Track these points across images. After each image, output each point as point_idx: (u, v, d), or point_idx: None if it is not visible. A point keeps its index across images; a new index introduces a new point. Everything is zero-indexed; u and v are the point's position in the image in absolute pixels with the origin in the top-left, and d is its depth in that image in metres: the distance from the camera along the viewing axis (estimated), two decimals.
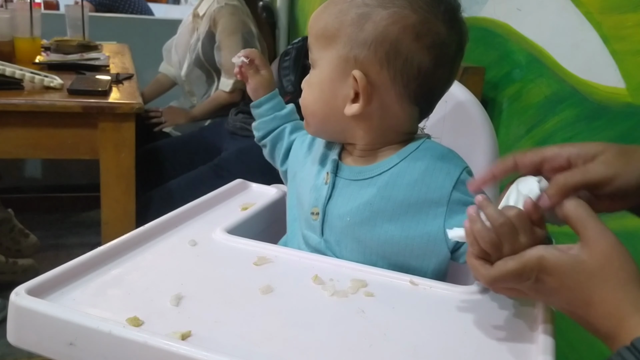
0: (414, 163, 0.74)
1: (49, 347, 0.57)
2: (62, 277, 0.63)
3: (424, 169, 0.73)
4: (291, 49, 1.93)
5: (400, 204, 0.73)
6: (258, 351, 0.54)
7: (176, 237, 0.78)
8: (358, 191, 0.76)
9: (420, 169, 0.73)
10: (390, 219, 0.73)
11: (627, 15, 1.06)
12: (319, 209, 0.78)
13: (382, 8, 0.70)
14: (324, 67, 0.74)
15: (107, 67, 1.95)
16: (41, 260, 2.16)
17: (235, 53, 0.93)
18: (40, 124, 1.45)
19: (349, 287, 0.67)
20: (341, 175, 0.78)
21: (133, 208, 1.53)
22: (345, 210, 0.76)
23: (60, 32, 2.28)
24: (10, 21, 1.86)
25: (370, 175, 0.75)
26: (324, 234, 0.78)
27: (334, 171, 0.78)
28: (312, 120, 0.79)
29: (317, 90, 0.76)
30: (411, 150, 0.75)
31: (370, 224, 0.74)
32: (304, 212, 0.80)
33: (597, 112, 1.14)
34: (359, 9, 0.71)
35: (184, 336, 0.54)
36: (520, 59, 1.36)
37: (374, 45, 0.70)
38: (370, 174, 0.75)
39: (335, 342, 0.56)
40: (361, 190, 0.75)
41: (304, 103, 0.78)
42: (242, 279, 0.68)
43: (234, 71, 0.95)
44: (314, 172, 0.81)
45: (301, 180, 0.84)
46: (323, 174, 0.80)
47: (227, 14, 2.23)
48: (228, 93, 2.23)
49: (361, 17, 0.71)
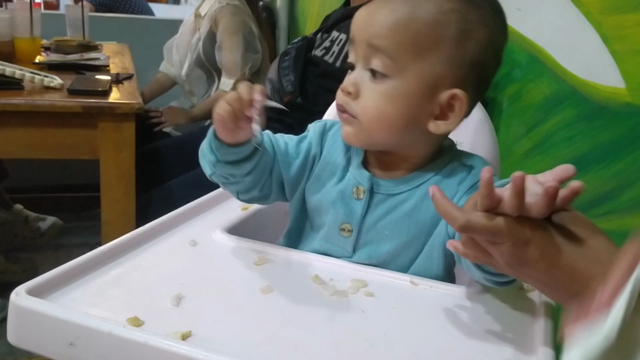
0: (448, 176, 0.73)
1: (49, 347, 0.57)
2: (62, 277, 0.63)
3: (458, 182, 0.72)
4: (291, 48, 1.93)
5: (432, 216, 0.72)
6: (258, 351, 0.54)
7: (176, 237, 0.78)
8: (396, 205, 0.73)
9: (455, 183, 0.72)
10: (426, 231, 0.73)
11: (627, 15, 1.06)
12: (351, 226, 0.74)
13: (483, 26, 0.67)
14: (413, 80, 0.67)
15: (107, 67, 1.95)
16: (42, 260, 2.16)
17: (237, 53, 0.91)
18: (40, 124, 1.45)
19: (349, 287, 0.67)
20: (378, 190, 0.74)
21: (133, 208, 1.53)
22: (383, 224, 0.73)
23: (60, 32, 2.28)
24: (10, 21, 1.86)
25: (409, 188, 0.73)
26: (356, 251, 0.75)
27: (370, 188, 0.74)
28: (383, 133, 0.70)
29: (403, 104, 0.68)
30: (445, 163, 0.74)
31: (407, 237, 0.73)
32: (324, 224, 0.77)
33: (597, 112, 1.14)
34: (461, 25, 0.66)
35: (184, 336, 0.54)
36: (520, 59, 1.36)
37: (472, 65, 0.67)
38: (408, 187, 0.73)
39: (336, 342, 0.56)
40: (399, 204, 0.73)
41: (381, 116, 0.68)
42: (242, 279, 0.68)
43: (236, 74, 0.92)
44: (331, 182, 0.76)
45: (314, 190, 0.78)
46: (349, 187, 0.75)
47: (228, 13, 2.24)
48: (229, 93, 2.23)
49: (464, 33, 0.66)
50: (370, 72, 0.68)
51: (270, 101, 0.67)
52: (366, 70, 0.69)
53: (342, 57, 1.75)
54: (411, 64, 0.67)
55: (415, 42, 0.66)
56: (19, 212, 2.30)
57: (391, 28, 0.66)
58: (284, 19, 3.01)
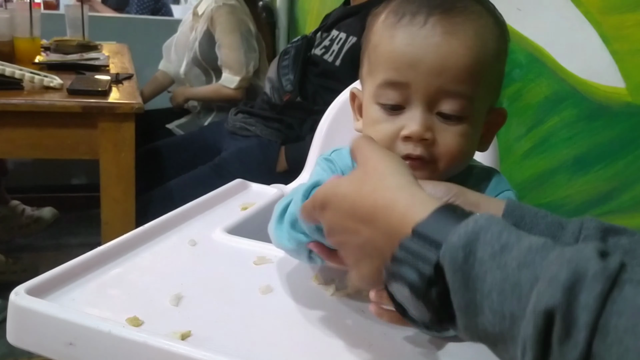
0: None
1: (49, 347, 0.57)
2: (62, 277, 0.63)
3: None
4: (290, 47, 1.93)
5: None
6: (258, 351, 0.54)
7: (176, 237, 0.78)
8: None
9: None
10: None
11: (627, 15, 1.06)
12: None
13: (504, 44, 0.65)
14: (483, 113, 0.64)
15: (107, 67, 1.95)
16: (41, 260, 2.16)
17: (237, 50, 0.89)
18: (40, 124, 1.44)
19: (349, 287, 0.66)
20: None
21: (133, 208, 1.53)
22: None
23: (60, 32, 2.28)
24: (10, 21, 1.85)
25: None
26: None
27: None
28: (460, 168, 0.66)
29: (477, 137, 0.65)
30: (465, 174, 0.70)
31: None
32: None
33: (597, 112, 1.14)
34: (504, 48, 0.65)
35: (183, 336, 0.54)
36: (520, 58, 1.36)
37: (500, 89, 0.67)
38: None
39: (335, 342, 0.56)
40: None
41: (464, 156, 0.64)
42: (242, 279, 0.68)
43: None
44: None
45: None
46: None
47: (225, 13, 2.25)
48: (233, 90, 2.25)
49: (504, 55, 0.65)
50: (439, 116, 0.61)
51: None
52: (432, 114, 0.61)
53: (341, 56, 1.75)
54: (483, 99, 0.63)
55: (489, 79, 0.62)
56: (15, 206, 2.33)
57: (471, 72, 0.59)
58: (284, 19, 3.01)
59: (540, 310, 0.34)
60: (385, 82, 0.61)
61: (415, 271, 0.41)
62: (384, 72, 0.62)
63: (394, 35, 0.61)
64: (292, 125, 1.90)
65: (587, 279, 0.33)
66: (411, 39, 0.60)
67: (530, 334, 0.34)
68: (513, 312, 0.36)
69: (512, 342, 0.36)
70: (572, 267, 0.34)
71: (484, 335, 0.39)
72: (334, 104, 1.19)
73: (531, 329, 0.34)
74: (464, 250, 0.38)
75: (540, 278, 0.35)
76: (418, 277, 0.41)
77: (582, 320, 0.33)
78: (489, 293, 0.37)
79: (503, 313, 0.36)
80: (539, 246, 0.37)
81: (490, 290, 0.37)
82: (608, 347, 0.32)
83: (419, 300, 0.41)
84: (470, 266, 0.38)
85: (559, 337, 0.33)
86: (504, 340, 0.37)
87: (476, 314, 0.38)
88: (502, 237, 0.38)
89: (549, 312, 0.34)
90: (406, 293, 0.42)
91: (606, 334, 0.32)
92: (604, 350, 0.32)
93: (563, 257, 0.35)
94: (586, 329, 0.32)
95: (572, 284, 0.34)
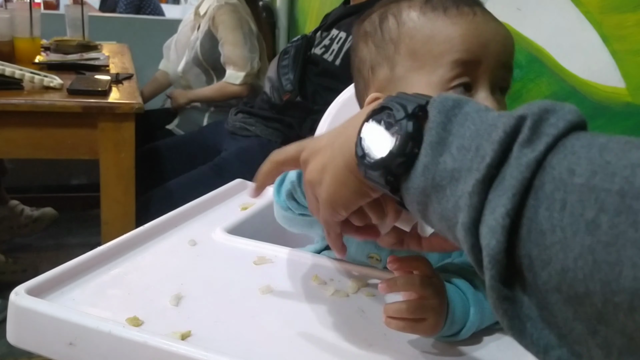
0: None
1: (49, 347, 0.57)
2: (62, 277, 0.63)
3: None
4: (290, 47, 1.93)
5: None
6: (258, 351, 0.54)
7: (176, 237, 0.78)
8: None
9: None
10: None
11: (627, 15, 1.06)
12: (380, 256, 0.71)
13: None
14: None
15: (107, 67, 1.95)
16: (41, 260, 2.16)
17: (241, 46, 0.88)
18: (40, 124, 1.45)
19: (349, 287, 0.66)
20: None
21: (133, 208, 1.53)
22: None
23: (60, 32, 2.28)
24: (10, 21, 1.86)
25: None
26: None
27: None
28: None
29: None
30: None
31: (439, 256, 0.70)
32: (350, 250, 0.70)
33: (597, 112, 1.14)
34: None
35: (183, 336, 0.54)
36: (520, 58, 1.36)
37: None
38: None
39: (335, 342, 0.56)
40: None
41: None
42: (242, 278, 0.68)
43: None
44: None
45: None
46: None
47: (227, 11, 2.26)
48: (238, 86, 2.24)
49: None
50: (500, 91, 0.65)
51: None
52: (497, 89, 0.65)
53: (341, 55, 1.75)
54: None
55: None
56: (15, 206, 2.33)
57: (512, 45, 0.67)
58: (284, 18, 3.01)
59: (514, 117, 0.36)
60: (459, 61, 0.62)
61: (401, 106, 0.43)
62: (453, 54, 0.63)
63: (454, 22, 0.63)
64: (292, 125, 1.90)
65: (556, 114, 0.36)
66: (475, 24, 0.64)
67: (497, 139, 0.36)
68: (480, 144, 0.38)
69: (466, 174, 0.37)
70: (545, 104, 0.36)
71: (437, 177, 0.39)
72: (334, 104, 1.19)
73: (499, 134, 0.36)
74: (453, 102, 0.41)
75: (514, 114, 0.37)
76: (402, 108, 0.43)
77: (550, 130, 0.35)
78: (462, 134, 0.39)
79: (469, 147, 0.38)
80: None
81: (465, 133, 0.39)
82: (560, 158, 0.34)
83: (392, 127, 0.43)
84: (455, 114, 0.41)
85: (522, 140, 0.35)
86: (456, 177, 0.38)
87: (441, 153, 0.40)
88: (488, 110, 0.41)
89: (520, 118, 0.36)
90: (379, 129, 0.44)
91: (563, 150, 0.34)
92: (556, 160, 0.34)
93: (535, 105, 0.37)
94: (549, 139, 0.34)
95: (546, 109, 0.36)
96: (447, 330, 0.56)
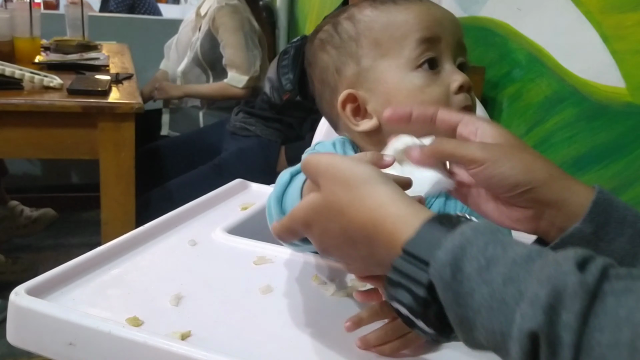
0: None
1: (49, 347, 0.57)
2: (62, 277, 0.63)
3: None
4: (290, 47, 1.93)
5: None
6: (258, 351, 0.54)
7: (176, 237, 0.78)
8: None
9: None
10: None
11: (627, 14, 1.06)
12: None
13: None
14: None
15: (107, 67, 1.95)
16: (41, 260, 2.16)
17: (243, 50, 0.89)
18: (40, 124, 1.45)
19: (349, 287, 0.66)
20: None
21: (133, 208, 1.53)
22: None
23: (59, 32, 2.28)
24: (9, 21, 1.86)
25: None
26: None
27: None
28: None
29: None
30: None
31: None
32: None
33: (597, 112, 1.14)
34: None
35: (183, 336, 0.54)
36: (520, 58, 1.36)
37: None
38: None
39: (335, 342, 0.56)
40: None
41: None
42: (242, 278, 0.68)
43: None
44: None
45: None
46: None
47: (227, 13, 2.25)
48: (241, 89, 2.24)
49: None
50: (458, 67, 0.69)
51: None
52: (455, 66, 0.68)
53: None
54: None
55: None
56: (14, 207, 2.32)
57: (461, 27, 0.71)
58: (284, 19, 3.01)
59: (525, 333, 0.34)
60: (422, 39, 0.66)
61: (410, 294, 0.41)
62: (415, 35, 0.67)
63: (407, 7, 0.68)
64: (292, 125, 1.91)
65: (566, 297, 0.33)
66: (426, 6, 0.69)
67: (518, 355, 0.34)
68: (502, 330, 0.36)
69: (507, 357, 0.36)
70: (551, 284, 0.34)
71: (483, 348, 0.39)
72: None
73: (518, 351, 0.34)
74: (451, 267, 0.38)
75: (524, 295, 0.35)
76: (413, 300, 0.41)
77: (566, 340, 0.33)
78: (478, 309, 0.37)
79: (493, 330, 0.36)
80: (523, 259, 0.37)
81: (480, 307, 0.37)
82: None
83: (419, 320, 0.41)
84: (459, 283, 0.38)
85: (545, 357, 0.33)
86: (501, 353, 0.37)
87: (470, 329, 0.38)
88: (487, 250, 0.38)
89: (532, 334, 0.34)
90: (407, 313, 0.42)
91: (590, 350, 0.32)
92: None
93: (543, 273, 0.35)
94: (570, 348, 0.32)
95: (552, 304, 0.33)
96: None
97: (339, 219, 0.47)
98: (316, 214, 0.49)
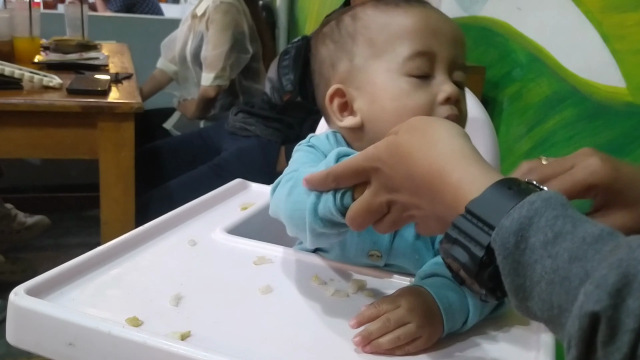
0: None
1: (49, 347, 0.57)
2: (62, 277, 0.63)
3: None
4: (291, 47, 1.93)
5: None
6: (258, 351, 0.54)
7: (176, 237, 0.78)
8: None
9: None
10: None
11: (628, 14, 1.06)
12: (380, 252, 0.70)
13: None
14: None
15: (106, 67, 1.95)
16: (41, 260, 2.16)
17: (220, 48, 0.88)
18: (40, 123, 1.44)
19: (349, 287, 0.66)
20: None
21: (133, 208, 1.53)
22: (411, 237, 0.70)
23: (59, 32, 2.28)
24: (9, 21, 1.86)
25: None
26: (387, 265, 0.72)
27: None
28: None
29: None
30: None
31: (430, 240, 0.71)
32: (350, 252, 0.72)
33: (597, 112, 1.14)
34: None
35: (183, 336, 0.54)
36: (520, 58, 1.36)
37: None
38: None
39: (335, 342, 0.56)
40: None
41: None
42: (242, 279, 0.68)
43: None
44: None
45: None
46: None
47: (220, 11, 2.26)
48: (208, 87, 2.24)
49: None
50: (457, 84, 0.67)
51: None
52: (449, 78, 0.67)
53: None
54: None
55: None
56: (9, 210, 2.29)
57: (463, 38, 0.69)
58: (284, 19, 3.01)
59: (586, 313, 0.34)
60: (415, 52, 0.66)
61: (467, 252, 0.41)
62: (410, 45, 0.66)
63: (407, 12, 0.67)
64: (292, 125, 1.91)
65: (635, 284, 0.33)
66: (427, 15, 0.67)
67: (575, 333, 0.34)
68: (561, 304, 0.36)
69: (560, 329, 0.36)
70: (622, 270, 0.33)
71: (535, 317, 0.39)
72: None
73: (576, 328, 0.34)
74: (515, 236, 0.38)
75: (590, 276, 0.35)
76: (470, 258, 0.41)
77: (628, 326, 0.32)
78: (538, 281, 0.37)
79: (551, 303, 0.36)
80: (594, 238, 0.36)
81: (540, 279, 0.37)
82: None
83: (472, 279, 0.42)
84: (521, 252, 0.38)
85: (603, 339, 0.33)
86: (553, 325, 0.37)
87: (526, 299, 0.38)
88: (556, 224, 0.38)
89: (594, 315, 0.33)
90: (459, 270, 0.42)
91: None
92: None
93: (614, 256, 0.34)
94: (631, 334, 0.32)
95: (619, 289, 0.33)
96: (450, 324, 0.56)
97: (407, 159, 0.47)
98: (387, 152, 0.49)
